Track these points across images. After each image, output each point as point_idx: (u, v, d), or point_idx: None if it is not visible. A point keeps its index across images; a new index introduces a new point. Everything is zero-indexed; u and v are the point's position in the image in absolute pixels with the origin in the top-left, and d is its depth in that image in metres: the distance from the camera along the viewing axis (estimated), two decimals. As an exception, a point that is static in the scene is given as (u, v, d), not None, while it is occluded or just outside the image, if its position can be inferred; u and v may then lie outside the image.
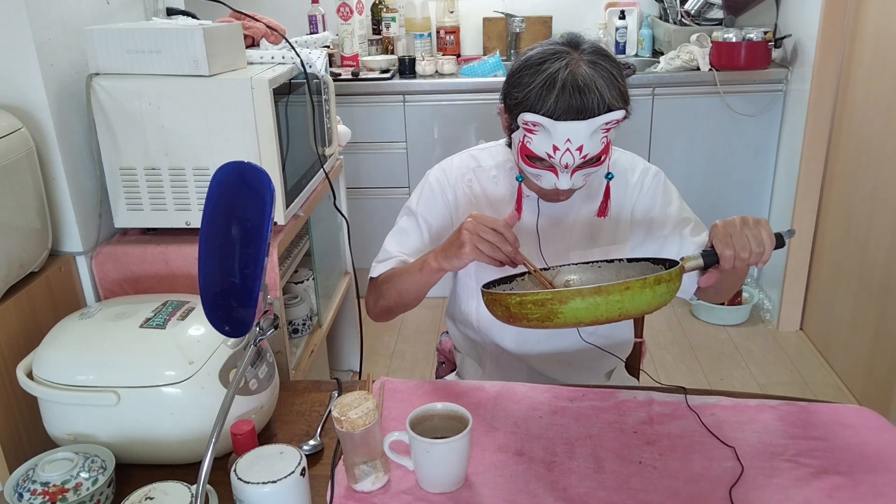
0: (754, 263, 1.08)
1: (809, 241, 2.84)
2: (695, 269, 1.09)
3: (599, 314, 0.96)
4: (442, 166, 1.38)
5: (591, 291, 0.94)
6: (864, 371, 2.46)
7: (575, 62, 1.13)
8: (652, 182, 1.33)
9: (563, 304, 0.95)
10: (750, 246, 1.06)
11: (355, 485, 1.03)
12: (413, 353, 2.88)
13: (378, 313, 1.37)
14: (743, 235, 1.07)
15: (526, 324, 0.99)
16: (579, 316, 0.96)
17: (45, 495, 0.95)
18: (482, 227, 1.10)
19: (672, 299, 1.02)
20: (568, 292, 0.95)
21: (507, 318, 1.01)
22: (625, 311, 0.96)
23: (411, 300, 1.28)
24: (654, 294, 0.97)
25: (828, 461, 1.06)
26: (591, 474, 1.05)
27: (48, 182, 1.37)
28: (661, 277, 0.97)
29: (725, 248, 1.07)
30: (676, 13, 3.12)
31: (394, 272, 1.29)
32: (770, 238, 1.08)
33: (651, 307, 0.98)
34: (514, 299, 0.97)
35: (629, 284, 0.95)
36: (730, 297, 1.35)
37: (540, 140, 1.14)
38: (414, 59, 3.03)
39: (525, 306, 0.97)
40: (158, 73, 1.39)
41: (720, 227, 1.09)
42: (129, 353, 1.08)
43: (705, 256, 1.08)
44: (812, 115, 2.68)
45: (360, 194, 3.02)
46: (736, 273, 1.20)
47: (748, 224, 1.08)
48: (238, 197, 0.96)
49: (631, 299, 0.95)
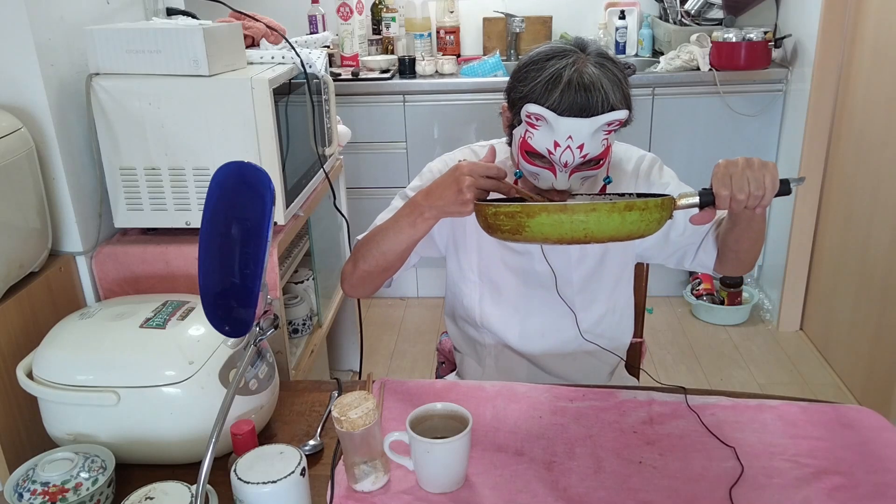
0: (752, 208, 1.04)
1: (809, 241, 2.84)
2: (689, 206, 1.05)
3: (564, 232, 0.98)
4: (444, 158, 1.38)
5: (556, 208, 0.97)
6: (864, 371, 2.46)
7: (582, 61, 1.13)
8: (648, 167, 1.34)
9: (531, 219, 0.98)
10: (748, 188, 1.02)
11: (355, 485, 1.03)
12: (413, 353, 2.88)
13: (355, 282, 1.30)
14: (743, 176, 1.03)
15: (500, 235, 1.04)
16: (545, 231, 0.99)
17: (45, 495, 0.95)
18: (480, 179, 1.10)
19: (651, 231, 1.01)
20: (535, 206, 0.98)
21: (486, 227, 1.07)
22: (590, 233, 0.98)
23: (395, 260, 1.24)
24: (622, 220, 0.97)
25: (828, 461, 1.06)
26: (591, 474, 1.05)
27: (48, 182, 1.37)
28: (634, 205, 0.97)
29: (722, 188, 1.03)
30: (676, 13, 3.12)
31: (375, 231, 1.25)
32: (773, 182, 1.03)
33: (620, 234, 0.99)
34: (490, 210, 1.03)
35: (596, 206, 0.96)
36: (750, 268, 1.31)
37: (541, 135, 1.14)
38: (414, 59, 3.03)
39: (498, 217, 1.02)
40: (158, 73, 1.39)
41: (722, 165, 1.05)
42: (129, 353, 1.08)
43: (701, 195, 1.05)
44: (812, 115, 2.68)
45: (360, 194, 3.02)
46: (750, 228, 1.17)
47: (752, 165, 1.04)
48: (238, 197, 0.96)
49: (597, 221, 0.97)
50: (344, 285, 1.34)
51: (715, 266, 1.30)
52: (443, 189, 1.13)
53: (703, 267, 1.32)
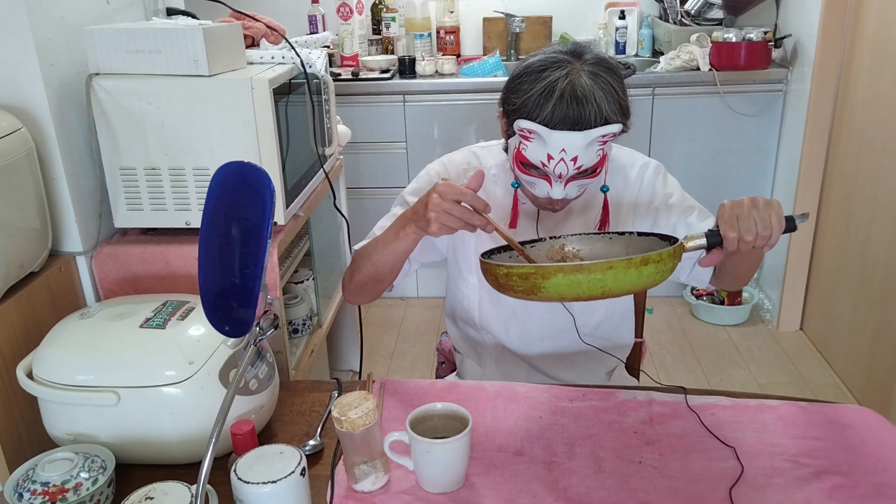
0: (760, 247, 1.04)
1: (809, 241, 2.83)
2: (696, 249, 1.05)
3: (581, 291, 0.96)
4: (443, 160, 1.38)
5: (573, 269, 0.95)
6: (864, 371, 2.46)
7: (576, 72, 1.12)
8: (652, 175, 1.33)
9: (546, 280, 0.96)
10: (756, 229, 1.02)
11: (355, 485, 1.03)
12: (413, 353, 2.88)
13: (352, 291, 1.32)
14: (750, 217, 1.03)
15: (513, 294, 1.00)
16: (561, 291, 0.97)
17: (45, 495, 0.95)
18: (447, 203, 1.05)
19: (664, 279, 1.00)
20: (550, 268, 0.96)
21: (497, 286, 1.03)
22: (608, 290, 0.96)
23: (387, 272, 1.24)
24: (639, 274, 0.96)
25: (828, 461, 1.06)
26: (591, 474, 1.05)
27: (48, 182, 1.37)
28: (649, 258, 0.96)
29: (730, 230, 1.03)
30: (676, 13, 3.12)
31: (370, 243, 1.26)
32: (779, 221, 1.03)
33: (637, 287, 0.98)
34: (501, 270, 1.00)
35: (613, 264, 0.95)
36: (746, 283, 1.32)
37: (535, 148, 1.14)
38: (414, 59, 3.03)
39: (511, 278, 0.99)
40: (158, 73, 1.39)
41: (727, 206, 1.05)
42: (129, 353, 1.08)
43: (709, 237, 1.05)
44: (812, 114, 2.68)
45: (360, 194, 3.02)
46: (750, 257, 1.17)
47: (757, 206, 1.04)
48: (238, 197, 0.96)
49: (614, 279, 0.95)
50: (344, 293, 1.36)
51: (711, 281, 1.30)
52: (419, 205, 1.11)
53: (698, 282, 1.31)
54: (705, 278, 1.28)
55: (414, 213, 1.13)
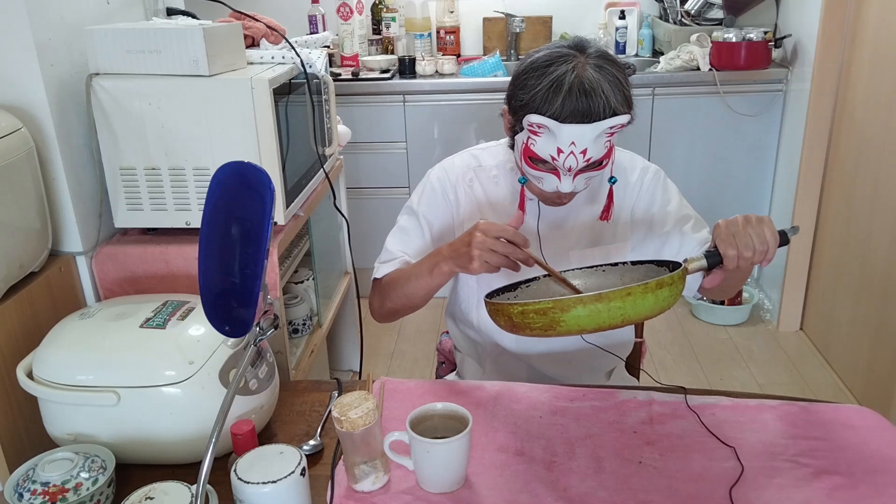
0: (759, 262, 1.07)
1: (809, 241, 2.83)
2: (698, 270, 1.07)
3: (602, 321, 0.95)
4: (443, 165, 1.38)
5: (592, 299, 0.93)
6: (864, 371, 2.46)
7: (581, 66, 1.13)
8: (652, 180, 1.33)
9: (565, 313, 0.94)
10: (753, 245, 1.05)
11: (355, 485, 1.03)
12: (413, 353, 2.88)
13: (384, 315, 1.36)
14: (746, 234, 1.05)
15: (529, 333, 0.98)
16: (581, 324, 0.95)
17: (45, 495, 0.95)
18: (490, 240, 1.08)
19: (676, 302, 1.01)
20: (569, 300, 0.93)
21: (510, 327, 1.00)
22: (627, 317, 0.95)
23: (420, 302, 1.28)
24: (656, 299, 0.96)
25: (828, 461, 1.06)
26: (591, 474, 1.05)
27: (48, 182, 1.37)
28: (664, 281, 0.96)
29: (729, 248, 1.05)
30: (676, 13, 3.12)
31: (400, 274, 1.29)
32: (774, 236, 1.06)
33: (654, 311, 0.97)
34: (516, 309, 0.96)
35: (631, 290, 0.94)
36: (734, 293, 1.34)
37: (544, 142, 1.14)
38: (414, 59, 3.03)
39: (527, 316, 0.95)
40: (158, 73, 1.39)
41: (723, 226, 1.08)
42: (129, 353, 1.08)
43: (709, 257, 1.07)
44: (812, 114, 2.68)
45: (360, 194, 3.02)
46: (741, 271, 1.19)
47: (751, 222, 1.06)
48: (238, 197, 0.96)
49: (633, 305, 0.94)
50: (374, 316, 1.39)
51: (698, 289, 1.30)
52: (458, 244, 1.14)
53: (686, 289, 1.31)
54: (694, 287, 1.28)
55: (453, 251, 1.15)
